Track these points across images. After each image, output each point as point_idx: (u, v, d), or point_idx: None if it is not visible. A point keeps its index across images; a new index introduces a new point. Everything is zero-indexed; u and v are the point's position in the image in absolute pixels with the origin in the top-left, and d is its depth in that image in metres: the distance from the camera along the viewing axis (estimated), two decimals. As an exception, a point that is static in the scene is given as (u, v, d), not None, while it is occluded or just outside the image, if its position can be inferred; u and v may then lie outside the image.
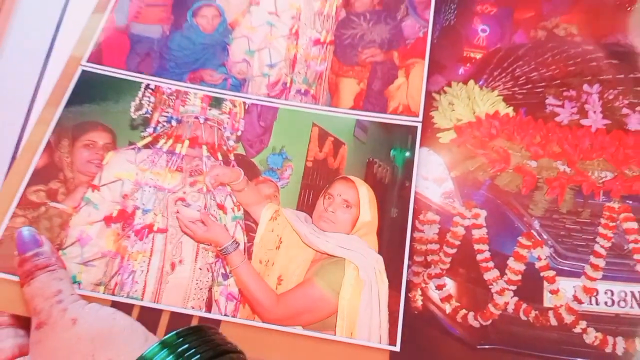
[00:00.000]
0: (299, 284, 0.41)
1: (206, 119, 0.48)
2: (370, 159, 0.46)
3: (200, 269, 0.43)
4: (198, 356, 0.32)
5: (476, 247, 0.41)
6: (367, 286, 0.41)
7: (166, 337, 0.33)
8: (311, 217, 0.44)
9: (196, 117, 0.48)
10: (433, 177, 0.44)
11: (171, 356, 0.32)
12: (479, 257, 0.41)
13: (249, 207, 0.44)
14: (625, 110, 0.44)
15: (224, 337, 0.35)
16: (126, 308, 0.40)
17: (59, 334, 0.35)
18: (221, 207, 0.44)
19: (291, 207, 0.44)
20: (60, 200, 0.43)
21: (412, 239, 0.42)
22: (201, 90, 0.49)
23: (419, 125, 0.46)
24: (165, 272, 0.43)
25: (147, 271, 0.42)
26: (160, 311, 0.41)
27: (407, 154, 0.45)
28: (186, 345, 0.33)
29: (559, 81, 0.46)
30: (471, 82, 0.47)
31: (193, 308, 0.41)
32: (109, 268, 0.42)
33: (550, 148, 0.43)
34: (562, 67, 0.46)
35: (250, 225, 0.44)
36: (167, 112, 0.48)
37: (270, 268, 0.42)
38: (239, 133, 0.47)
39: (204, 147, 0.47)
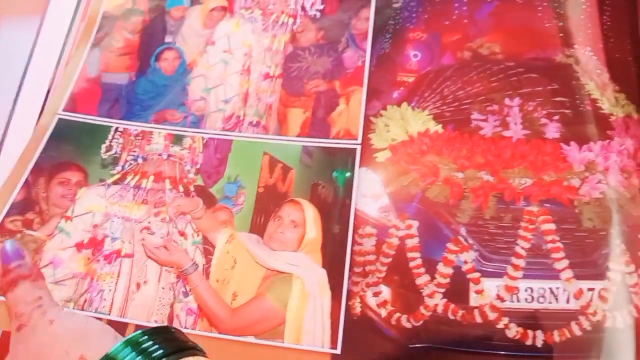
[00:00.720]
0: (252, 298, 0.46)
1: (169, 155, 0.53)
2: (315, 182, 0.50)
3: (163, 288, 0.48)
4: (161, 352, 0.35)
5: (409, 255, 0.45)
6: (311, 297, 0.45)
7: (131, 335, 0.36)
8: (262, 238, 0.48)
9: (160, 154, 0.53)
10: (371, 194, 0.48)
11: (134, 353, 0.35)
12: (412, 264, 0.45)
13: (207, 233, 0.49)
14: (543, 120, 0.48)
15: (187, 337, 0.38)
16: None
17: (38, 333, 0.39)
18: (182, 233, 0.49)
19: (245, 231, 0.49)
20: (36, 229, 0.49)
21: (352, 252, 0.46)
22: (164, 129, 0.54)
23: (358, 147, 0.51)
24: (131, 291, 0.48)
25: (115, 290, 0.47)
26: (126, 324, 0.46)
27: (348, 174, 0.50)
28: (150, 343, 0.35)
29: (483, 97, 0.50)
30: (404, 104, 0.51)
31: (156, 322, 0.46)
32: (79, 287, 0.48)
33: (476, 159, 0.47)
34: (486, 84, 0.50)
35: (208, 249, 0.49)
36: (134, 152, 0.53)
37: (226, 286, 0.47)
38: (198, 166, 0.52)
39: (167, 181, 0.52)
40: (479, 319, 0.42)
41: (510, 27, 0.52)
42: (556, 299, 0.42)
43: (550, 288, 0.43)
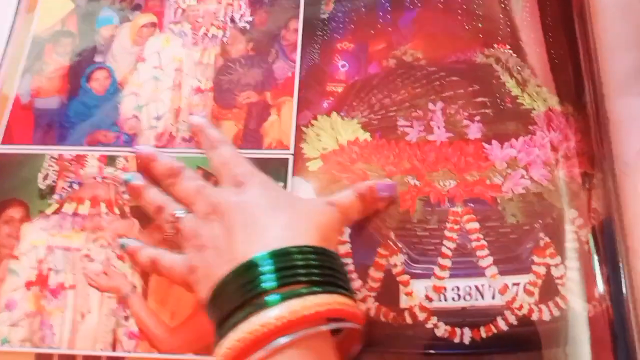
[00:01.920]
0: (189, 315, 0.46)
1: (103, 178, 0.53)
2: (249, 194, 0.51)
3: (106, 315, 0.48)
4: (304, 277, 0.35)
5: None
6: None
7: (283, 247, 0.36)
8: (199, 254, 0.49)
9: (94, 178, 0.53)
10: (304, 203, 0.49)
11: (274, 266, 0.35)
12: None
13: (144, 254, 0.49)
14: (465, 122, 0.49)
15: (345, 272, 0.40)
16: (47, 357, 0.46)
17: None
18: (120, 257, 0.49)
19: (181, 248, 0.49)
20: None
21: (288, 262, 0.47)
22: (97, 151, 0.54)
23: (291, 157, 0.51)
24: (77, 322, 0.48)
25: (63, 323, 0.47)
26: (74, 356, 0.46)
27: (281, 184, 0.50)
28: (298, 262, 0.35)
29: (407, 103, 0.50)
30: (334, 113, 0.52)
31: (102, 349, 0.46)
32: (33, 325, 0.47)
33: (402, 165, 0.48)
34: (410, 90, 0.51)
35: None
36: (70, 177, 0.53)
37: (164, 305, 0.47)
38: (133, 186, 0.52)
39: (102, 204, 0.52)
40: (409, 320, 0.43)
41: (431, 33, 0.53)
42: (482, 296, 0.43)
43: (476, 285, 0.44)
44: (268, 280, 0.35)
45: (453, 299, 0.44)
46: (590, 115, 0.49)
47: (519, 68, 0.50)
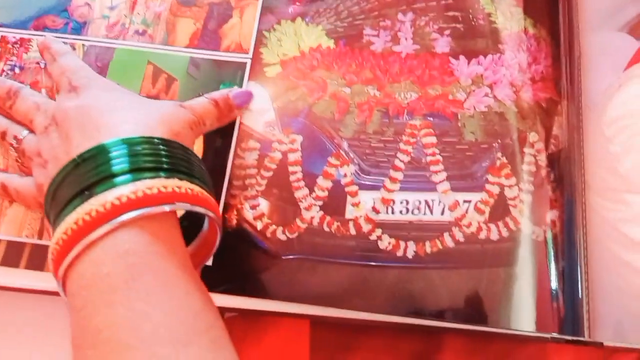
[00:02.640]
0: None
1: (46, 64, 0.49)
2: (200, 94, 0.47)
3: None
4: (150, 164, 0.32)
5: (290, 169, 0.43)
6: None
7: (133, 136, 0.33)
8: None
9: (37, 63, 0.49)
10: (257, 108, 0.46)
11: (126, 152, 0.32)
12: (292, 177, 0.43)
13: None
14: (434, 35, 0.46)
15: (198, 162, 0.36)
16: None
17: None
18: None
19: (122, 142, 0.46)
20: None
21: (233, 166, 0.44)
22: (43, 36, 0.50)
23: (248, 61, 0.48)
24: (4, 206, 0.45)
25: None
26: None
27: (236, 88, 0.47)
28: (147, 150, 0.33)
29: (376, 12, 0.47)
30: (299, 19, 0.48)
31: (27, 236, 0.43)
32: None
33: (364, 75, 0.45)
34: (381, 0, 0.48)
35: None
36: (12, 61, 0.49)
37: None
38: (77, 75, 0.48)
39: (43, 90, 0.48)
40: (352, 231, 0.41)
41: (409, -60, 0.50)
42: (431, 211, 0.41)
43: (426, 200, 0.41)
44: (116, 165, 0.32)
45: (401, 212, 0.41)
46: (562, 45, 0.46)
47: (495, -15, 0.47)
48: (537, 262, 0.40)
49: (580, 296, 0.39)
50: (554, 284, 0.39)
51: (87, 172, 0.32)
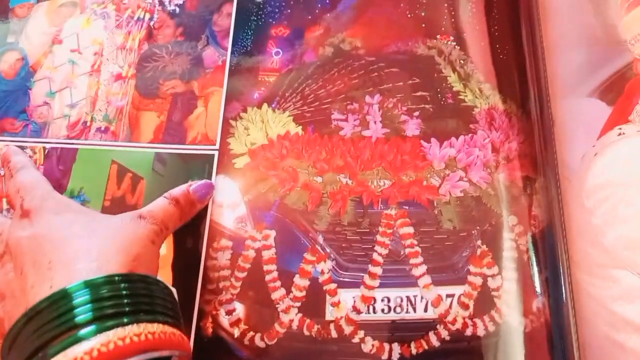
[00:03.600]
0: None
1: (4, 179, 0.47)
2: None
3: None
4: (116, 310, 0.30)
5: (265, 268, 0.41)
6: (159, 321, 0.41)
7: (96, 277, 0.31)
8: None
9: (-4, 170, 0.47)
10: (227, 203, 0.44)
11: (89, 297, 0.30)
12: (267, 277, 0.41)
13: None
14: (403, 117, 0.45)
15: (171, 299, 0.34)
16: None
17: None
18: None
19: (88, 250, 0.43)
20: None
21: (206, 268, 0.42)
22: (2, 140, 0.48)
23: (216, 154, 0.46)
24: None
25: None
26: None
27: (196, 181, 0.45)
28: (112, 293, 0.31)
29: (343, 95, 0.46)
30: (265, 105, 0.47)
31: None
32: None
33: (335, 162, 0.44)
34: (347, 81, 0.46)
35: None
36: (-30, 166, 0.47)
37: None
38: (39, 180, 0.46)
39: (4, 200, 0.46)
40: (334, 334, 0.39)
41: (372, 20, 0.48)
42: (414, 308, 0.39)
43: (407, 296, 0.39)
44: (81, 314, 0.30)
45: (382, 310, 0.39)
46: (534, 116, 0.45)
47: (462, 61, 0.46)
48: (528, 355, 0.38)
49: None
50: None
51: (47, 324, 0.29)
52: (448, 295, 0.39)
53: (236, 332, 0.40)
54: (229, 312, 0.40)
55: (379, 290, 0.40)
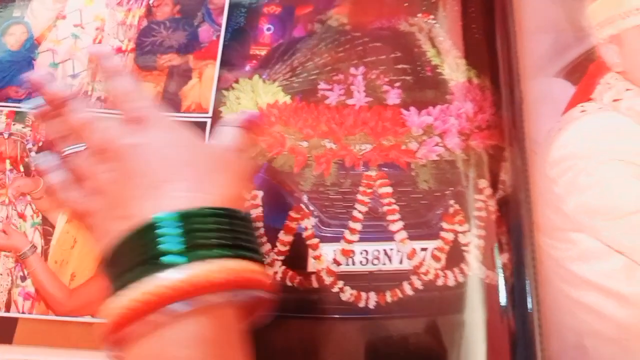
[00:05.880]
0: (89, 278, 0.43)
1: (10, 134, 0.49)
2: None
3: (1, 274, 0.44)
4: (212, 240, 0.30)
5: (253, 225, 0.43)
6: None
7: (190, 209, 0.30)
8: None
9: (0, 134, 0.49)
10: (218, 166, 0.46)
11: (179, 229, 0.29)
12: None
13: (48, 213, 0.46)
14: (385, 87, 0.47)
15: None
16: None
17: None
18: (22, 215, 0.45)
19: (87, 207, 0.46)
20: None
21: (197, 225, 0.44)
22: (6, 106, 0.50)
23: (209, 120, 0.48)
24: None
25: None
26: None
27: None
28: (207, 225, 0.30)
29: (329, 67, 0.48)
30: (256, 76, 0.49)
31: (-1, 308, 0.43)
32: None
33: (320, 128, 0.46)
34: (333, 54, 0.49)
35: (48, 230, 0.45)
36: (-24, 130, 0.49)
37: (64, 267, 0.43)
38: (41, 144, 0.48)
39: (7, 161, 0.48)
40: (315, 284, 0.41)
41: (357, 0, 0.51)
42: (390, 260, 0.41)
43: (384, 250, 0.42)
44: (171, 242, 0.29)
45: (361, 262, 0.41)
46: (504, 93, 0.47)
47: (441, 39, 0.48)
48: (490, 305, 0.40)
49: (534, 336, 0.40)
50: (508, 325, 0.40)
51: (145, 245, 0.30)
52: (422, 249, 0.41)
53: (224, 283, 0.42)
54: (218, 265, 0.42)
55: (358, 244, 0.42)
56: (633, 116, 0.47)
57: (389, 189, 0.43)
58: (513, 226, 0.42)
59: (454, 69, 0.47)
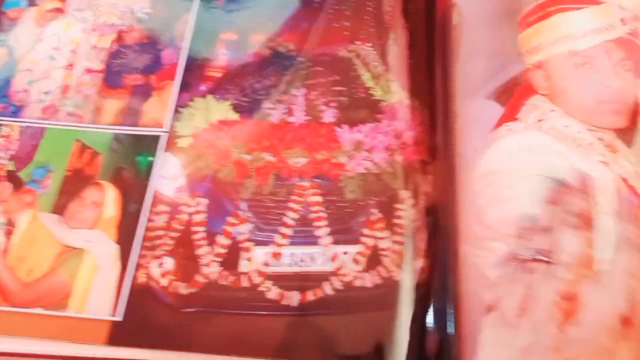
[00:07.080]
0: (45, 273, 0.47)
1: (-15, 144, 0.53)
2: (120, 166, 0.52)
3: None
4: None
5: (194, 229, 0.47)
6: (101, 270, 0.46)
7: None
8: (64, 217, 0.49)
9: (-17, 140, 0.54)
10: (169, 175, 0.50)
11: None
12: (195, 237, 0.46)
13: (12, 215, 0.50)
14: (322, 107, 0.51)
15: None
16: None
17: None
18: (-14, 212, 0.50)
19: (47, 211, 0.49)
20: None
21: (146, 229, 0.48)
22: (-11, 119, 0.55)
23: (163, 135, 0.52)
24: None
25: None
26: None
27: (150, 158, 0.51)
28: None
29: (275, 88, 0.53)
30: (209, 96, 0.53)
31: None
32: None
33: (262, 143, 0.50)
34: (279, 77, 0.53)
35: (10, 229, 0.49)
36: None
37: (22, 262, 0.47)
38: (13, 152, 0.53)
39: None
40: (245, 283, 0.44)
41: (305, 28, 0.55)
42: (314, 263, 0.45)
43: (310, 253, 0.45)
44: None
45: (288, 264, 0.45)
46: (438, 112, 0.51)
47: (375, 63, 0.53)
48: (408, 306, 0.43)
49: (451, 334, 0.42)
50: (426, 324, 0.43)
51: None
52: (344, 253, 0.45)
53: (164, 282, 0.45)
54: (160, 265, 0.46)
55: (287, 248, 0.45)
56: (554, 135, 0.50)
57: (319, 198, 0.47)
58: (434, 234, 0.45)
59: (386, 91, 0.51)
